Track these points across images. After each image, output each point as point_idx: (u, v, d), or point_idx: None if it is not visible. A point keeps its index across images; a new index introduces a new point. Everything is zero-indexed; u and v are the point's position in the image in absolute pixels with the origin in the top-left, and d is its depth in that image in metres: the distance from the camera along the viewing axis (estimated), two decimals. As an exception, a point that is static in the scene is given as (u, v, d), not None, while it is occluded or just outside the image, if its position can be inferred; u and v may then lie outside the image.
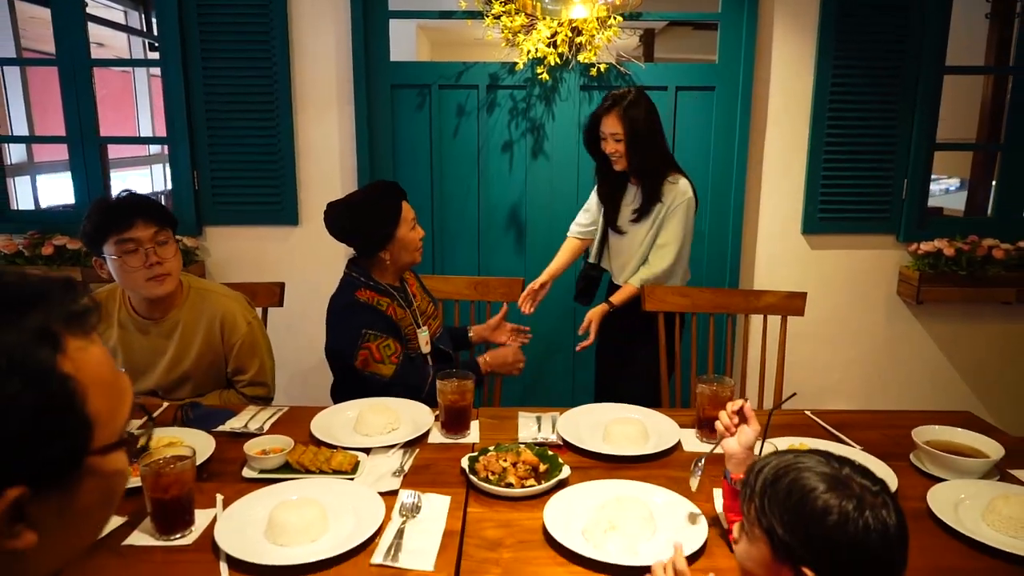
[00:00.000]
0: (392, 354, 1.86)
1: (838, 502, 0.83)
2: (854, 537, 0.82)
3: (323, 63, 2.84)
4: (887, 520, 0.83)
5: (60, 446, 0.54)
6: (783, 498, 0.87)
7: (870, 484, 0.85)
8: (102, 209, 1.71)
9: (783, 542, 0.86)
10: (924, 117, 2.84)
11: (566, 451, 1.52)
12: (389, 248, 1.93)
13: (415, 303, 2.03)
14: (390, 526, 1.21)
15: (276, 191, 2.91)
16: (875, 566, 0.84)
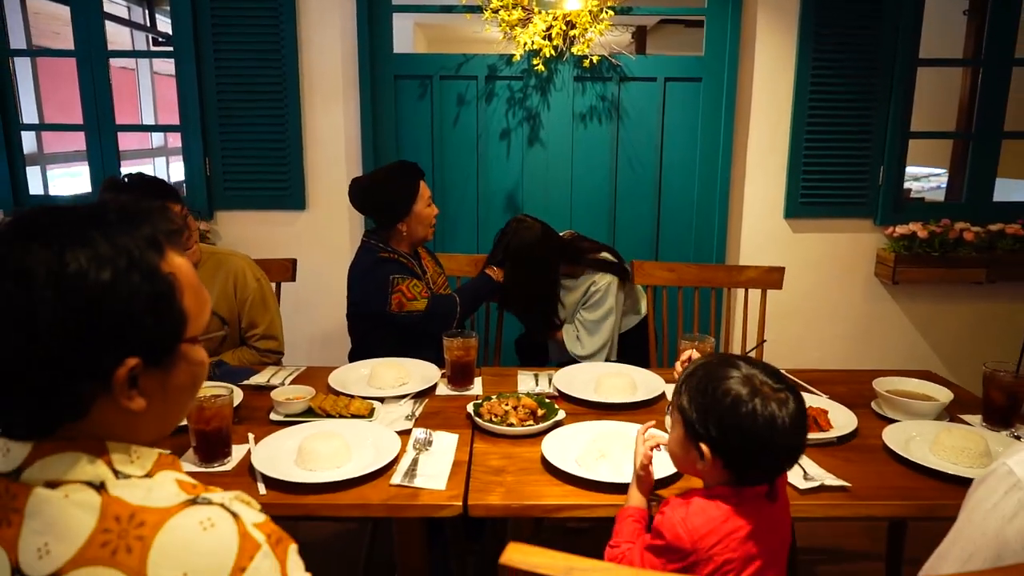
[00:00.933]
0: (421, 291, 2.09)
1: (737, 389, 1.01)
2: (745, 419, 0.99)
3: (329, 55, 2.99)
4: (776, 412, 0.99)
5: (165, 329, 0.69)
6: (696, 383, 1.06)
7: (772, 382, 1.02)
8: (117, 183, 1.83)
9: (690, 420, 1.05)
10: (899, 107, 3.01)
11: (561, 400, 1.68)
12: (407, 220, 2.14)
13: (427, 275, 2.22)
14: (405, 456, 1.37)
15: (284, 177, 3.05)
16: (761, 449, 1.00)
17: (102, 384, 0.65)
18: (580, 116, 3.09)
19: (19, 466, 0.64)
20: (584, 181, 3.15)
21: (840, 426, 1.49)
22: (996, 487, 0.84)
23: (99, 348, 0.64)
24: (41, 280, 0.62)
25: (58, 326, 0.61)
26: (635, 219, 3.19)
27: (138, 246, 0.67)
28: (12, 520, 0.62)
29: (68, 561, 0.60)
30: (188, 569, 0.61)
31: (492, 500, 1.24)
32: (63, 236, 0.64)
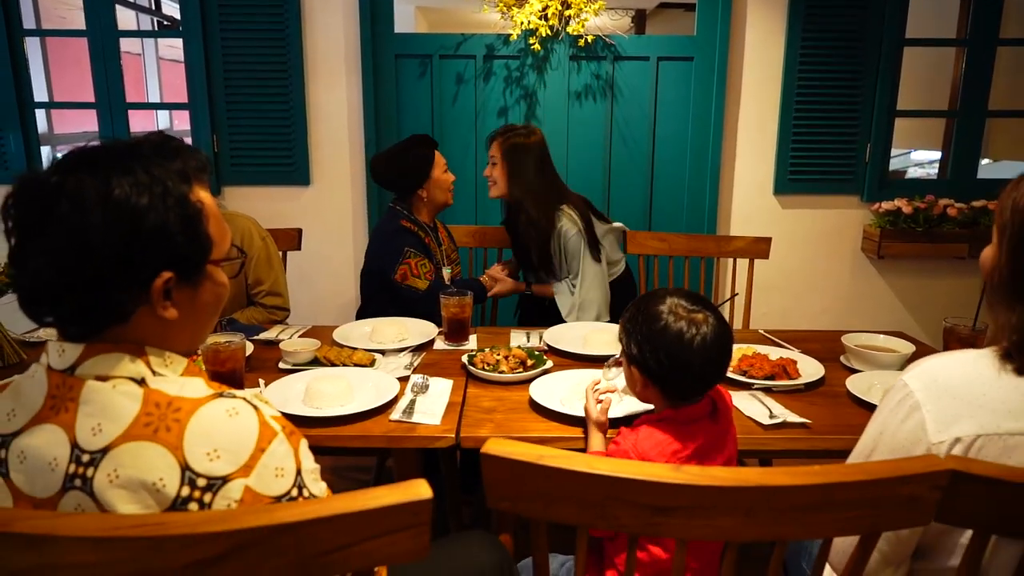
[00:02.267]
0: (427, 272, 2.22)
1: (656, 312, 1.16)
2: (659, 337, 1.14)
3: (332, 34, 3.08)
4: (685, 329, 1.13)
5: (194, 249, 0.81)
6: (633, 313, 1.20)
7: (687, 304, 1.16)
8: None
9: (627, 345, 1.19)
10: (886, 86, 3.10)
11: (551, 354, 1.79)
12: (426, 187, 2.30)
13: (443, 247, 2.38)
14: (404, 398, 1.48)
15: (289, 154, 3.16)
16: (679, 365, 1.14)
17: (142, 294, 0.77)
18: (575, 94, 3.18)
19: (73, 364, 0.76)
20: (579, 157, 3.24)
21: (808, 375, 1.60)
22: (894, 397, 0.97)
23: (139, 262, 0.76)
24: (92, 203, 0.73)
25: (106, 242, 0.73)
26: (629, 196, 3.29)
27: (170, 177, 0.79)
28: (69, 407, 0.75)
29: (118, 437, 0.73)
30: (217, 446, 0.73)
31: (482, 433, 1.35)
32: (108, 167, 0.76)
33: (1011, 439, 0.87)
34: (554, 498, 0.79)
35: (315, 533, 0.67)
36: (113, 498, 0.71)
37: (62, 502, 0.73)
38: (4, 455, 0.76)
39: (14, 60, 3.08)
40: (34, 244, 0.74)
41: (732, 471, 0.78)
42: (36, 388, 0.77)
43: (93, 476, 0.71)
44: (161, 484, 0.71)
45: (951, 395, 0.90)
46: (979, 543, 0.84)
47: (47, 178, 0.74)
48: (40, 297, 0.76)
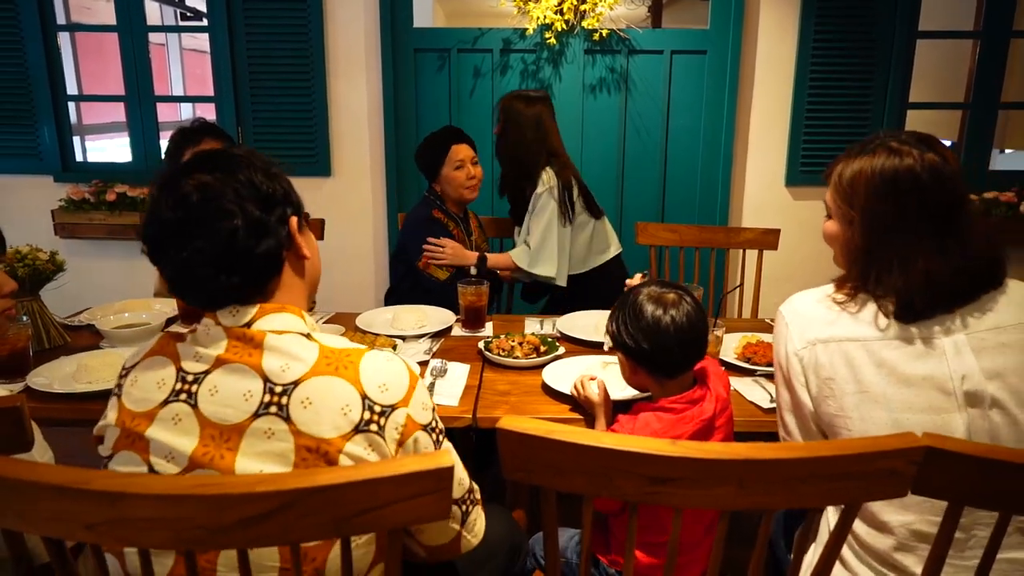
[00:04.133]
0: (448, 264, 2.31)
1: (642, 298, 1.28)
2: (635, 317, 1.26)
3: (353, 29, 3.16)
4: (653, 310, 1.26)
5: (298, 199, 1.01)
6: (618, 303, 1.32)
7: (659, 288, 1.29)
8: (181, 130, 2.14)
9: (612, 332, 1.30)
10: (898, 77, 3.13)
11: (564, 341, 1.87)
12: (439, 182, 2.38)
13: (472, 237, 2.46)
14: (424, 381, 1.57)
15: (311, 145, 3.25)
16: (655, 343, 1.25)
17: (288, 239, 0.96)
18: (590, 87, 3.24)
19: (249, 320, 0.93)
20: (594, 150, 3.31)
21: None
22: (777, 323, 1.20)
23: (278, 209, 0.96)
24: (238, 191, 0.92)
25: (258, 209, 0.93)
26: (642, 187, 3.35)
27: (260, 159, 0.98)
28: (253, 353, 0.91)
29: (306, 373, 0.89)
30: (385, 381, 0.92)
31: (497, 414, 1.44)
32: (223, 164, 0.95)
33: (848, 344, 1.09)
34: (562, 469, 0.87)
35: (350, 495, 0.76)
36: (308, 419, 0.87)
37: (252, 426, 0.87)
38: (196, 389, 0.90)
39: (48, 55, 3.19)
40: (201, 241, 0.90)
41: (725, 445, 0.85)
42: (214, 339, 0.92)
43: (288, 403, 0.87)
44: (348, 409, 0.88)
45: (801, 314, 1.15)
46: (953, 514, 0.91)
47: (181, 192, 0.91)
48: (214, 278, 0.91)
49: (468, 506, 1.03)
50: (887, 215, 1.08)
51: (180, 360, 0.93)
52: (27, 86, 3.20)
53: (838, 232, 1.17)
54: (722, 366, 1.65)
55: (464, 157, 2.37)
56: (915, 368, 1.06)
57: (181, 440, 0.88)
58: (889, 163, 1.08)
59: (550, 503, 0.96)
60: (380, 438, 0.88)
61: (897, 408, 1.06)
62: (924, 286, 1.06)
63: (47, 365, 1.59)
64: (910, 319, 1.07)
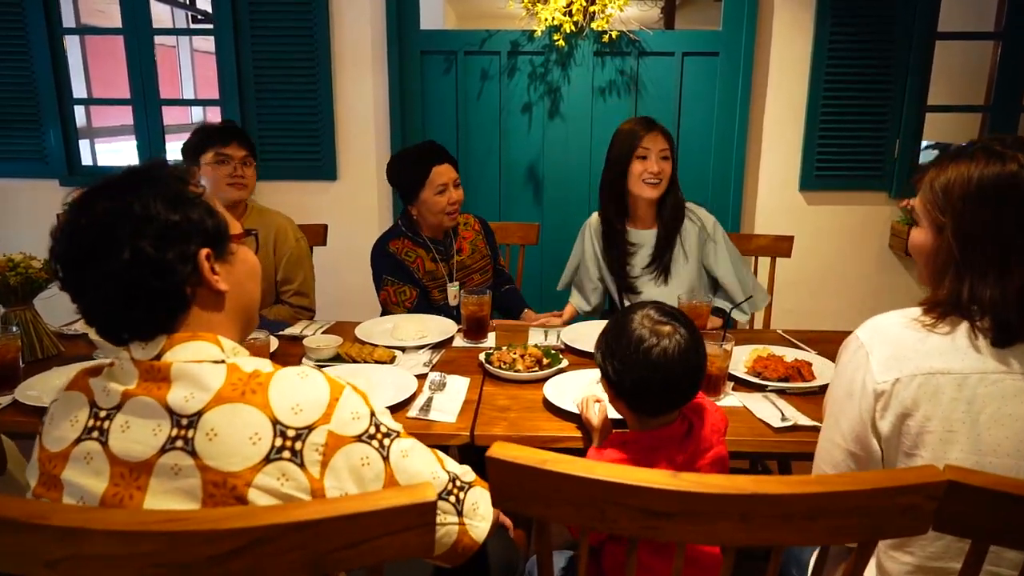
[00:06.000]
0: (407, 299, 2.17)
1: (632, 325, 1.18)
2: (632, 349, 1.17)
3: (359, 31, 3.13)
4: (655, 344, 1.16)
5: (217, 224, 0.92)
6: (607, 325, 1.24)
7: (655, 315, 1.19)
8: (207, 128, 2.16)
9: (599, 358, 1.23)
10: (916, 80, 3.05)
11: (568, 352, 1.82)
12: (416, 205, 2.18)
13: (459, 257, 2.27)
14: (421, 395, 1.53)
15: (316, 149, 3.22)
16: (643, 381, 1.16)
17: (193, 275, 0.89)
18: (599, 90, 3.19)
19: (159, 352, 0.87)
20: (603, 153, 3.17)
21: (824, 377, 1.61)
22: (846, 349, 1.11)
23: (181, 248, 0.87)
24: (125, 222, 0.85)
25: (148, 246, 0.85)
26: (652, 191, 3.28)
27: (171, 180, 0.91)
28: (161, 385, 0.85)
29: (209, 402, 0.83)
30: (298, 400, 0.84)
31: (496, 431, 1.39)
32: (122, 192, 0.88)
33: (940, 377, 1.00)
34: (555, 500, 0.82)
35: (327, 531, 0.71)
36: (214, 452, 0.81)
37: (159, 463, 0.81)
38: (108, 426, 0.85)
39: (54, 58, 3.18)
40: (94, 275, 0.85)
41: (727, 479, 0.80)
42: (127, 373, 0.87)
43: (193, 436, 0.81)
44: (256, 438, 0.81)
45: (891, 343, 1.04)
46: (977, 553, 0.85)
47: (77, 220, 0.86)
48: (118, 312, 0.87)
49: (459, 493, 0.96)
50: (984, 223, 1.00)
51: (94, 395, 0.88)
52: (33, 89, 3.19)
53: (926, 241, 1.08)
54: (731, 381, 1.60)
55: (447, 180, 2.12)
56: (1013, 407, 0.98)
57: (91, 481, 0.84)
58: (990, 168, 1.00)
59: (546, 534, 0.91)
60: (296, 465, 0.81)
61: (985, 450, 0.98)
62: (1021, 304, 0.98)
63: (38, 377, 1.55)
64: (1008, 342, 0.99)
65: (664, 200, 2.14)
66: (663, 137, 2.10)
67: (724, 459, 1.23)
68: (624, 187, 2.12)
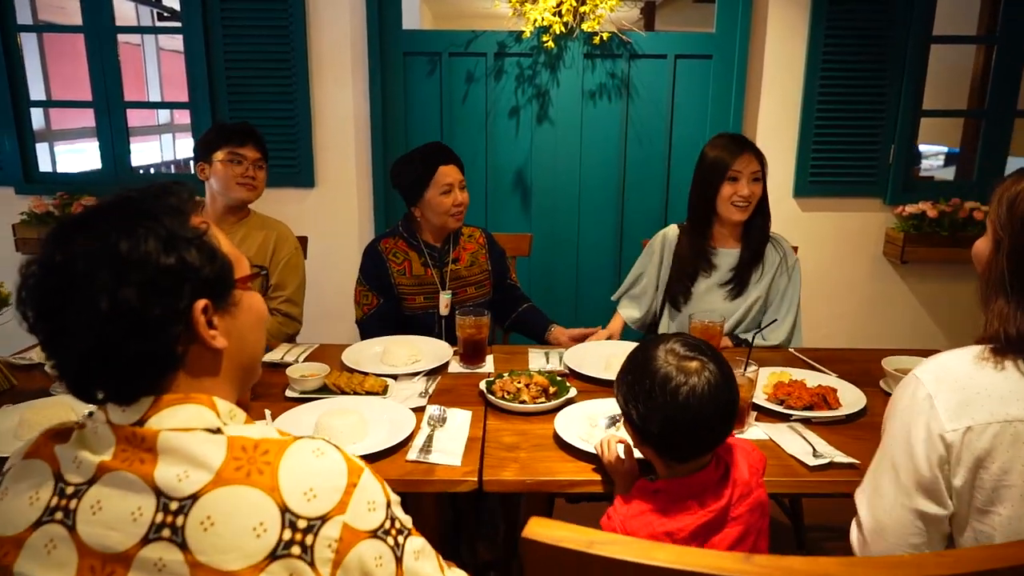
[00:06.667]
0: (366, 304, 2.12)
1: (656, 362, 1.07)
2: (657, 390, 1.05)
3: (338, 31, 2.97)
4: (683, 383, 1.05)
5: (218, 271, 0.76)
6: (627, 360, 1.13)
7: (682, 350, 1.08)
8: (224, 126, 2.15)
9: (621, 400, 1.12)
10: (911, 85, 2.98)
11: (572, 378, 1.70)
12: (419, 206, 2.11)
13: (455, 266, 2.17)
14: (420, 433, 1.39)
15: (293, 154, 3.05)
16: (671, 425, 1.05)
17: (187, 332, 0.74)
18: (589, 93, 3.07)
19: (141, 417, 0.73)
20: (593, 159, 3.14)
21: (849, 404, 1.51)
22: (907, 391, 1.01)
23: (172, 300, 0.72)
24: (104, 266, 0.70)
25: (132, 295, 0.70)
26: (644, 197, 3.18)
27: (167, 213, 0.75)
28: (146, 457, 0.71)
29: (208, 483, 0.69)
30: (312, 485, 0.71)
31: (506, 476, 1.26)
32: (105, 227, 0.72)
33: (1020, 425, 0.91)
34: (607, 593, 0.70)
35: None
36: (209, 545, 0.67)
37: (140, 555, 0.68)
38: (75, 506, 0.71)
39: (8, 57, 2.97)
40: (65, 324, 0.71)
41: (810, 562, 0.68)
42: (101, 440, 0.73)
43: (184, 524, 0.68)
44: (262, 529, 0.68)
45: (959, 386, 0.95)
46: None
47: (51, 258, 0.71)
48: (92, 369, 0.72)
49: None
50: None
51: (60, 465, 0.73)
52: (-15, 91, 2.97)
53: (984, 251, 1.03)
54: (753, 411, 1.49)
55: (452, 181, 2.07)
56: None
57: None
58: None
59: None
60: (305, 563, 0.68)
61: None
62: None
63: (-14, 417, 1.38)
64: None
65: (752, 220, 2.07)
66: (755, 158, 2.02)
67: (764, 505, 1.12)
68: (713, 208, 2.05)
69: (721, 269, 2.11)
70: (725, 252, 2.11)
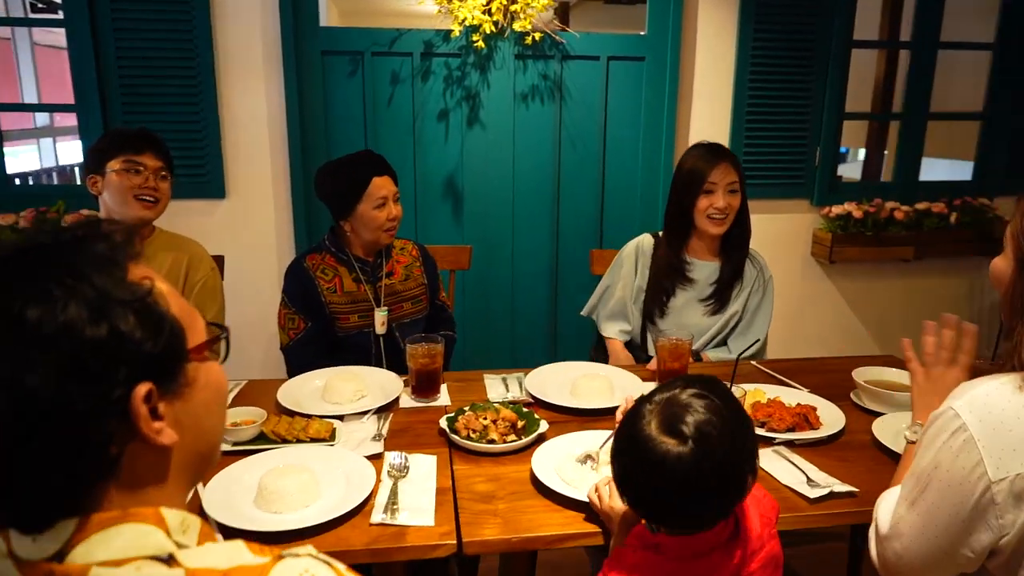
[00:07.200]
0: (292, 328, 1.93)
1: (643, 423, 0.92)
2: (640, 460, 0.90)
3: (248, 27, 2.71)
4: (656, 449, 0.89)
5: (166, 342, 0.58)
6: (620, 447, 0.97)
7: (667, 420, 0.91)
8: (120, 131, 1.94)
9: (620, 490, 0.97)
10: (835, 88, 3.04)
11: (537, 407, 1.56)
12: (349, 220, 1.93)
13: (389, 280, 2.01)
14: (382, 487, 1.22)
15: (200, 162, 2.76)
16: (661, 505, 0.92)
17: (123, 427, 0.55)
18: (521, 96, 2.95)
19: (61, 548, 0.53)
20: (526, 163, 3.02)
21: (829, 424, 1.45)
22: (945, 427, 0.92)
23: (100, 388, 0.53)
24: (12, 344, 0.51)
25: (45, 382, 0.51)
26: (579, 201, 3.10)
27: (94, 266, 0.56)
28: None
29: None
30: None
31: (488, 534, 1.11)
32: (6, 285, 0.53)
33: None
34: None
35: None
36: None
37: None
38: None
39: None
40: None
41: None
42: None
43: None
44: None
45: (1006, 428, 0.88)
46: None
47: None
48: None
49: None
50: None
51: None
52: None
53: (1005, 270, 0.97)
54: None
55: (387, 194, 1.92)
56: None
57: None
58: None
59: None
60: None
61: None
62: None
63: None
64: None
65: (731, 233, 2.00)
66: (732, 168, 1.94)
67: (778, 559, 1.02)
68: (690, 220, 1.98)
69: (700, 283, 2.03)
70: (703, 265, 2.04)
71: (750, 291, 2.04)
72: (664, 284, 2.04)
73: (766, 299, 2.06)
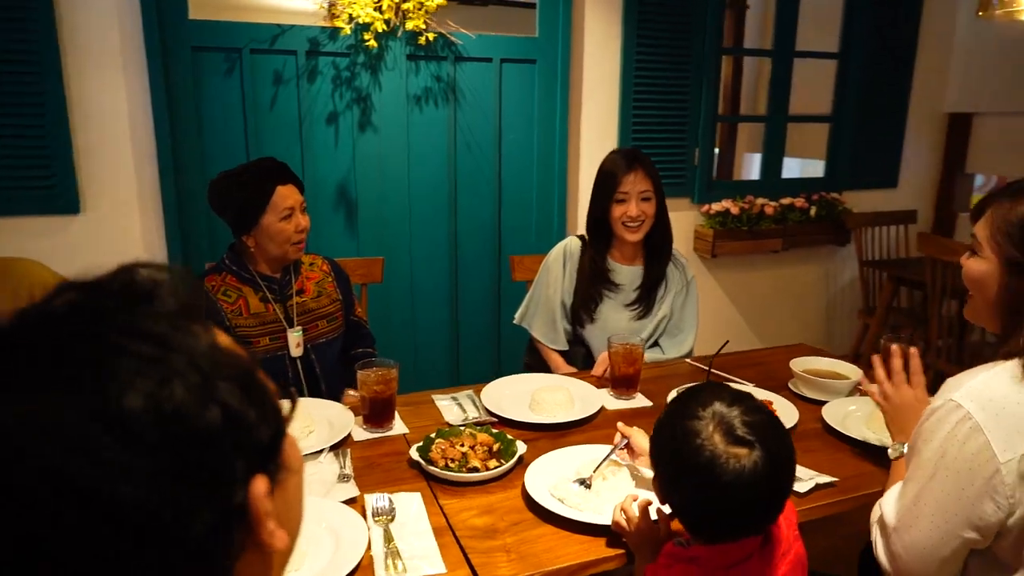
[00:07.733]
0: None
1: (711, 456, 0.87)
2: (715, 487, 0.87)
3: (102, 18, 2.36)
4: (723, 462, 0.86)
5: (269, 420, 0.46)
6: (663, 420, 0.96)
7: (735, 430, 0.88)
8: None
9: (651, 455, 0.98)
10: (709, 92, 3.21)
11: (500, 425, 1.49)
12: (253, 234, 1.75)
13: (300, 298, 1.84)
14: (374, 535, 1.09)
15: (46, 172, 2.37)
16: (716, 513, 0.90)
17: (240, 534, 0.43)
18: (415, 98, 2.83)
19: None
20: (421, 167, 2.91)
21: (786, 417, 1.51)
22: (948, 418, 0.96)
23: (225, 487, 0.42)
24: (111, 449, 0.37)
25: (147, 489, 0.38)
26: (476, 205, 3.04)
27: (179, 329, 0.43)
28: None
29: None
30: None
31: (506, 572, 1.02)
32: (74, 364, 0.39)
33: None
34: None
35: None
36: None
37: None
38: None
39: None
40: None
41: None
42: None
43: None
44: None
45: (1008, 412, 0.92)
46: None
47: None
48: None
49: None
50: None
51: None
52: None
53: (989, 273, 1.00)
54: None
55: (293, 204, 1.75)
56: None
57: None
58: None
59: None
60: None
61: None
62: None
63: None
64: None
65: (651, 238, 2.01)
66: (645, 176, 1.94)
67: (803, 559, 1.03)
68: (609, 225, 1.98)
69: (625, 289, 2.04)
70: (626, 269, 2.05)
71: (675, 293, 2.09)
72: (590, 290, 2.03)
73: (690, 298, 2.12)
